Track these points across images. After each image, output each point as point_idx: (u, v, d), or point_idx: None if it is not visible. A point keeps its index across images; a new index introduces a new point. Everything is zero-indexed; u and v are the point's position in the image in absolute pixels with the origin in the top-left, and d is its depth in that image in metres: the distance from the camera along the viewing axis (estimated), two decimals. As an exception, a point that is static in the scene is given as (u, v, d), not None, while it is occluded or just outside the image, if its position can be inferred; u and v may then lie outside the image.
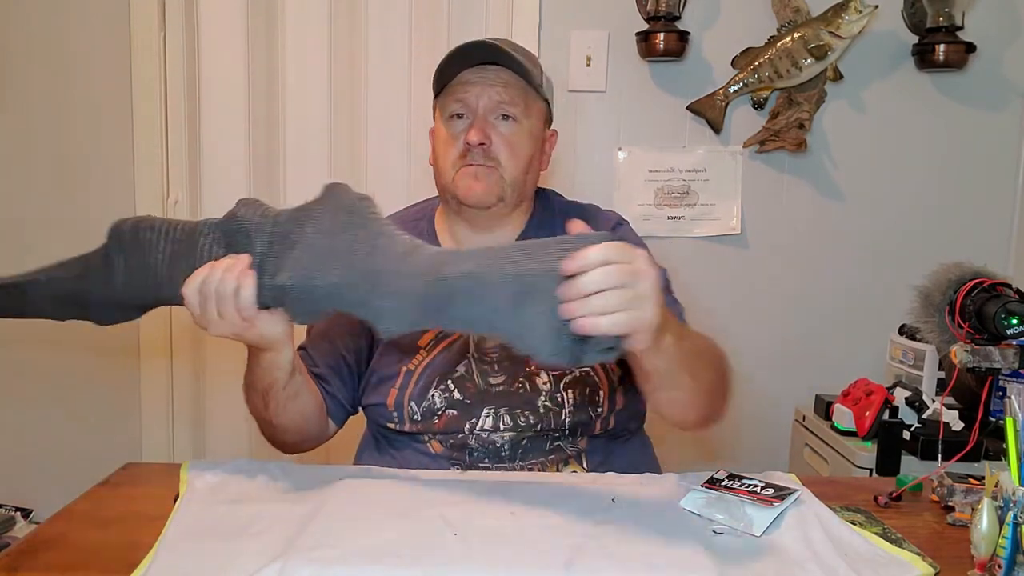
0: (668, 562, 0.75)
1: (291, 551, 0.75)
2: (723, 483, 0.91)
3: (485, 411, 1.11)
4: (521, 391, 1.12)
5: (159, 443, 2.10)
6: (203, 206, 2.04)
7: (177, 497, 0.91)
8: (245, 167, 2.02)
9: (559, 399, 1.11)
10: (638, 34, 1.94)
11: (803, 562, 0.77)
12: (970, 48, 1.90)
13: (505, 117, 1.14)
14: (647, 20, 1.93)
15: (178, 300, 0.94)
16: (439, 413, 1.11)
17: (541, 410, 1.11)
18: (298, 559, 0.73)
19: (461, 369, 1.12)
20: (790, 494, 0.89)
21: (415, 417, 1.12)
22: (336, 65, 2.01)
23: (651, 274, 0.77)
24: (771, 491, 0.90)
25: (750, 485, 0.91)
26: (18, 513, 2.03)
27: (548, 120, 1.23)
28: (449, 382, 1.12)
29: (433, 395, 1.12)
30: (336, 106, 2.02)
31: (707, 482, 0.92)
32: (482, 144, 1.12)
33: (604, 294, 0.74)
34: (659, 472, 1.09)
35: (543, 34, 1.97)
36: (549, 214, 1.22)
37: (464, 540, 0.78)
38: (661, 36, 1.90)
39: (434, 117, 1.21)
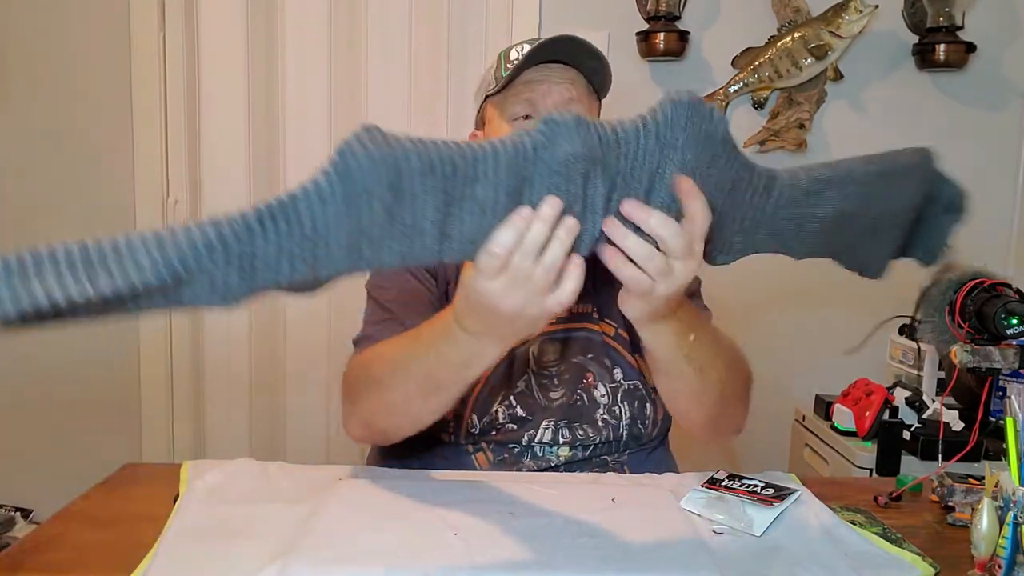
0: (668, 562, 0.75)
1: (291, 551, 0.75)
2: (723, 483, 0.91)
3: (544, 423, 1.08)
4: (579, 404, 1.09)
5: (159, 443, 2.10)
6: (203, 206, 2.04)
7: (177, 497, 0.91)
8: (245, 167, 2.02)
9: (616, 412, 1.09)
10: (638, 34, 1.94)
11: (803, 562, 0.77)
12: (970, 48, 1.90)
13: None
14: (647, 20, 1.93)
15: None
16: (499, 427, 1.08)
17: (599, 423, 1.08)
18: (298, 559, 0.73)
19: (521, 384, 1.09)
20: (790, 494, 0.89)
21: (473, 429, 1.08)
22: (336, 65, 2.01)
23: (686, 268, 0.73)
24: (771, 491, 0.90)
25: (750, 485, 0.91)
26: (18, 513, 2.02)
27: None
28: (512, 398, 1.09)
29: (497, 410, 1.08)
30: (336, 106, 2.02)
31: (707, 482, 0.92)
32: None
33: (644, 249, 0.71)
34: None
35: (543, 34, 1.97)
36: None
37: (464, 540, 0.78)
38: (661, 36, 1.90)
39: (479, 123, 1.15)
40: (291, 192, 0.64)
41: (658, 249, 0.71)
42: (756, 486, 0.91)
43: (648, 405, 1.10)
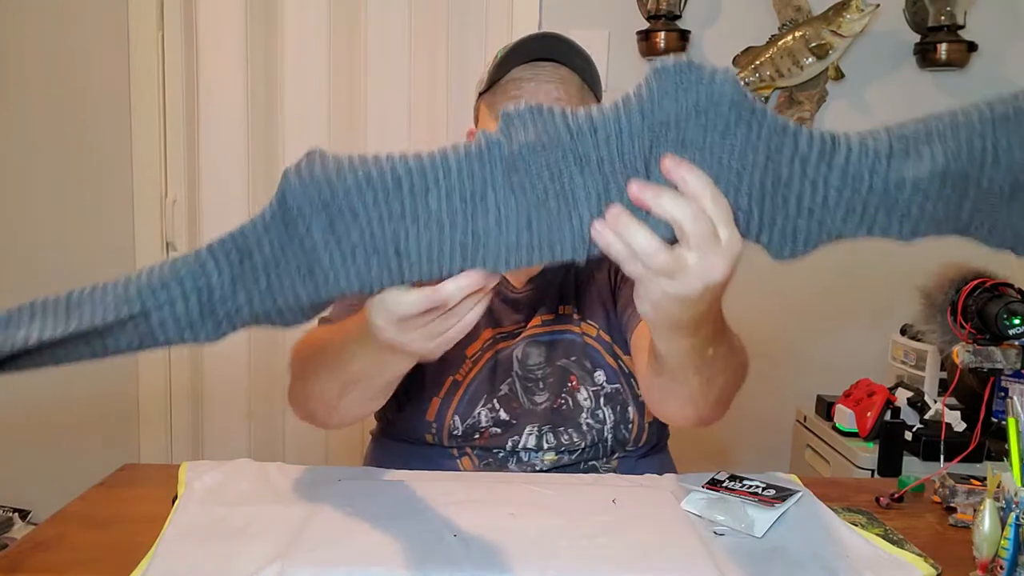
0: (669, 563, 0.74)
1: (290, 552, 0.75)
2: (724, 484, 0.91)
3: (528, 429, 1.07)
4: (564, 408, 1.08)
5: (157, 444, 2.10)
6: (202, 206, 2.04)
7: (176, 498, 0.90)
8: (244, 167, 2.02)
9: (600, 416, 1.08)
10: (639, 33, 1.94)
11: (804, 563, 0.76)
12: (972, 47, 1.90)
13: None
14: (648, 19, 1.93)
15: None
16: (482, 431, 1.07)
17: (584, 427, 1.07)
18: (297, 560, 0.73)
19: (505, 388, 1.08)
20: (791, 495, 0.89)
21: (455, 432, 1.07)
22: (335, 64, 2.01)
23: (694, 269, 0.62)
24: (772, 492, 0.89)
25: (751, 486, 0.91)
26: (16, 514, 2.02)
27: None
28: (495, 401, 1.07)
29: (479, 413, 1.07)
30: (335, 106, 2.02)
31: (708, 483, 0.92)
32: None
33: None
34: None
35: (543, 33, 1.97)
36: None
37: (463, 541, 0.78)
38: (662, 35, 1.90)
39: (476, 119, 1.13)
40: (240, 225, 0.65)
41: (674, 240, 0.62)
42: (757, 487, 0.90)
43: (630, 409, 1.08)
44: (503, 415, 1.07)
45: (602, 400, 1.08)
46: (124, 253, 2.04)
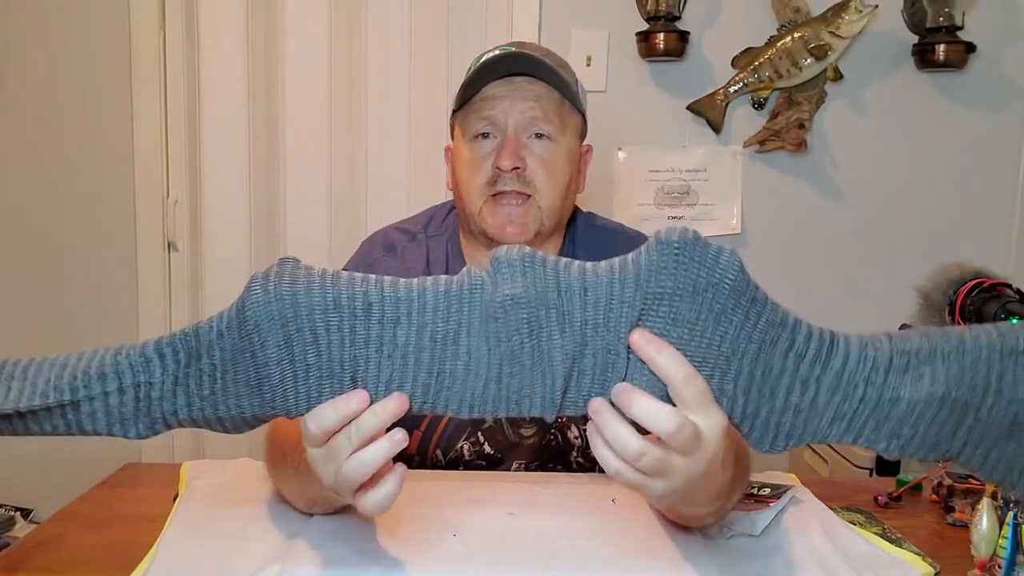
0: (669, 563, 0.75)
1: (290, 552, 0.75)
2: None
3: (515, 465, 1.05)
4: (553, 444, 1.05)
5: (158, 443, 2.09)
6: (203, 206, 2.04)
7: (176, 497, 0.90)
8: (245, 167, 2.02)
9: (591, 455, 1.06)
10: (638, 34, 1.94)
11: (803, 563, 0.77)
12: (970, 48, 1.90)
13: (539, 136, 1.01)
14: (647, 20, 1.93)
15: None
16: (464, 465, 1.05)
17: (574, 466, 1.05)
18: (297, 559, 0.73)
19: (490, 420, 1.03)
20: (786, 491, 0.90)
21: (439, 465, 1.05)
22: (336, 65, 2.01)
23: (690, 465, 0.60)
24: (768, 491, 0.90)
25: (748, 486, 0.91)
26: (18, 513, 2.02)
27: (583, 134, 1.10)
28: (479, 435, 1.05)
29: (462, 446, 1.05)
30: (336, 105, 2.02)
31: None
32: (516, 168, 0.99)
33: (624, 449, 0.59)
34: None
35: (543, 34, 1.97)
36: (584, 239, 1.12)
37: (463, 541, 0.78)
38: (661, 36, 1.90)
39: (452, 135, 1.10)
40: (196, 324, 0.62)
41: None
42: (753, 487, 0.91)
43: None
44: (487, 448, 1.05)
45: None
46: (125, 253, 2.04)
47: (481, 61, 1.03)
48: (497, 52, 1.03)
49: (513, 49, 1.03)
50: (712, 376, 0.61)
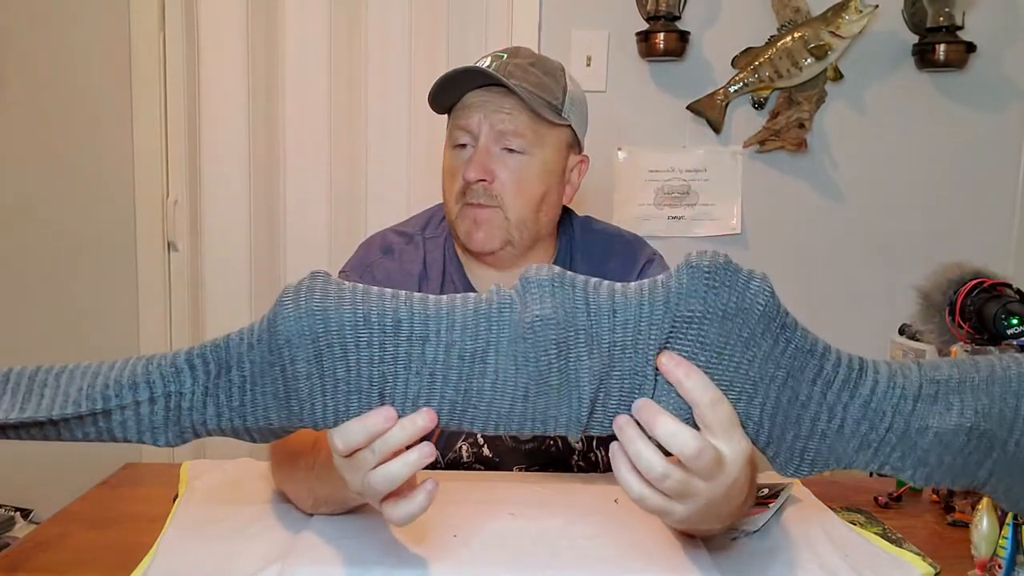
0: (669, 563, 0.75)
1: (291, 552, 0.75)
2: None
3: (514, 470, 1.05)
4: (553, 449, 1.05)
5: (159, 443, 2.09)
6: (203, 206, 2.04)
7: (176, 497, 0.90)
8: (245, 167, 2.02)
9: (592, 459, 1.05)
10: (638, 34, 1.94)
11: (804, 563, 0.77)
12: (970, 48, 1.90)
13: (510, 150, 1.02)
14: (647, 20, 1.93)
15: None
16: (464, 468, 1.05)
17: (575, 469, 1.05)
18: (298, 559, 0.73)
19: None
20: (783, 489, 0.90)
21: (439, 467, 1.05)
22: (336, 64, 2.01)
23: (712, 488, 0.61)
24: (766, 491, 0.90)
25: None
26: (18, 513, 2.02)
27: (574, 145, 1.10)
28: (478, 436, 1.04)
29: (461, 447, 1.05)
30: (336, 105, 2.02)
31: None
32: (482, 180, 1.01)
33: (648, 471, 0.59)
34: None
35: (543, 34, 1.97)
36: (582, 243, 1.12)
37: (464, 541, 0.78)
38: (661, 36, 1.90)
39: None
40: (227, 335, 0.63)
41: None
42: (755, 486, 0.91)
43: None
44: (486, 452, 1.05)
45: (595, 442, 1.05)
46: (125, 253, 2.04)
47: (452, 71, 1.03)
48: (489, 60, 1.03)
49: (489, 62, 1.02)
50: (739, 400, 0.61)
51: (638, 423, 0.60)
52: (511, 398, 0.61)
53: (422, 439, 0.63)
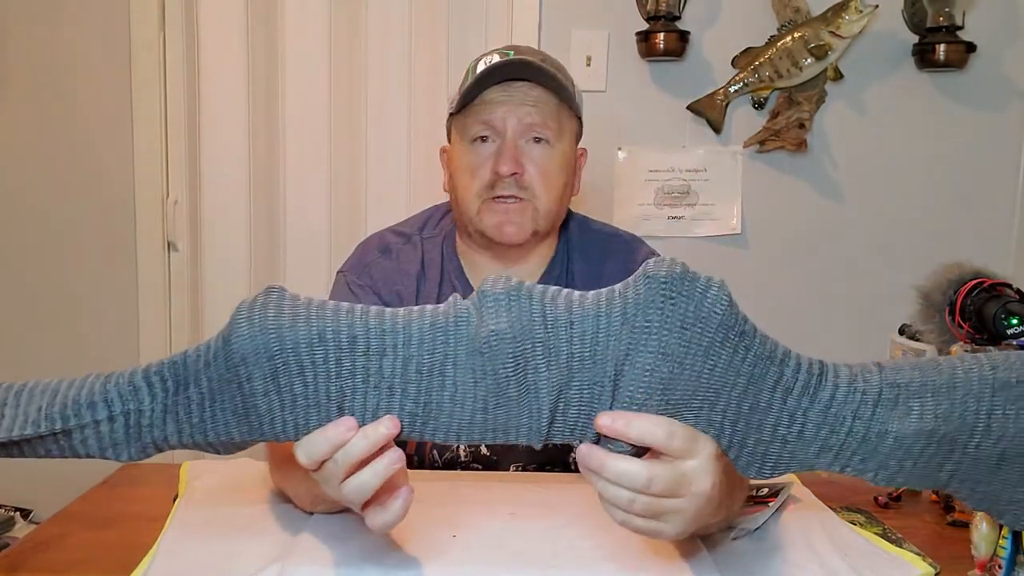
0: (669, 563, 0.75)
1: (290, 552, 0.75)
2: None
3: (513, 468, 1.06)
4: (550, 447, 1.05)
5: (159, 443, 2.10)
6: (203, 206, 2.04)
7: (176, 497, 0.90)
8: (245, 167, 2.02)
9: None
10: (638, 34, 1.94)
11: (803, 563, 0.77)
12: (970, 48, 1.90)
13: (537, 140, 1.03)
14: (647, 20, 1.93)
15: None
16: (461, 467, 1.06)
17: (573, 466, 1.05)
18: (297, 560, 0.73)
19: None
20: (783, 489, 0.90)
21: (436, 466, 1.06)
22: (335, 64, 2.01)
23: (689, 502, 0.62)
24: (766, 491, 0.90)
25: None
26: (17, 513, 2.02)
27: (579, 137, 1.12)
28: None
29: (458, 447, 1.05)
30: (335, 106, 2.02)
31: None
32: (515, 174, 1.01)
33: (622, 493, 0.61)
34: None
35: (543, 34, 1.97)
36: (580, 243, 1.13)
37: (464, 541, 0.78)
38: (661, 36, 1.90)
39: (449, 138, 1.11)
40: (184, 352, 0.63)
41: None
42: (752, 489, 0.91)
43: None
44: (483, 450, 1.06)
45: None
46: (125, 254, 2.04)
47: (480, 66, 1.04)
48: (497, 58, 1.03)
49: (512, 55, 1.04)
50: (701, 408, 0.61)
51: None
52: (471, 410, 0.61)
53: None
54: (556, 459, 1.07)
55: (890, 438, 0.61)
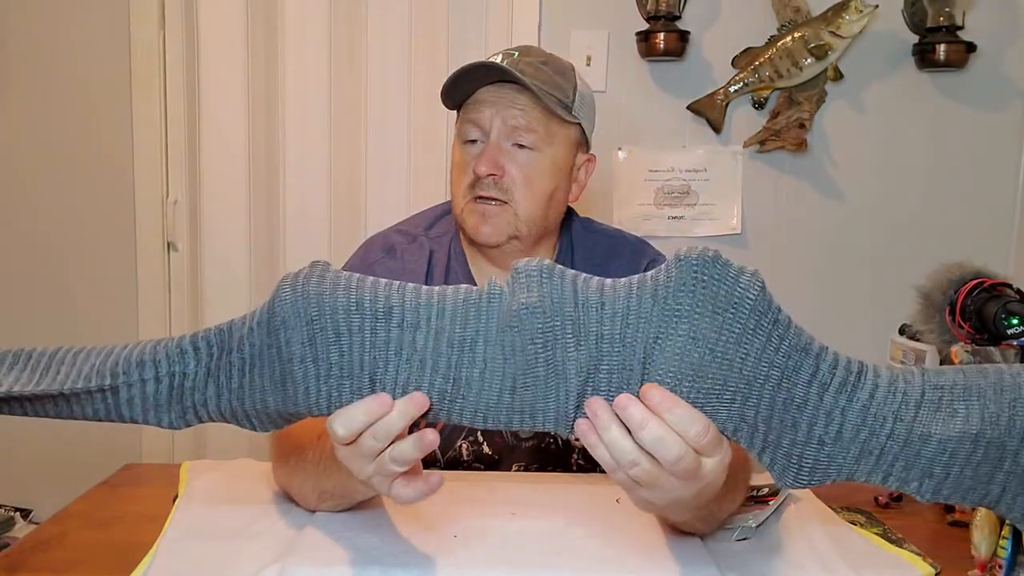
0: (670, 563, 0.75)
1: (290, 552, 0.75)
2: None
3: (514, 468, 1.06)
4: (553, 447, 1.06)
5: (159, 443, 2.10)
6: (203, 206, 2.04)
7: (176, 497, 0.90)
8: (245, 167, 2.02)
9: (592, 457, 1.05)
10: (638, 34, 1.94)
11: (804, 563, 0.77)
12: (970, 48, 1.90)
13: (521, 146, 1.03)
14: (647, 20, 1.93)
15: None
16: (464, 466, 1.06)
17: (574, 468, 1.06)
18: (297, 559, 0.73)
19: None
20: (782, 488, 0.90)
21: (438, 465, 1.06)
22: (335, 64, 2.01)
23: (675, 489, 0.61)
24: (766, 490, 0.90)
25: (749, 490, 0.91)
26: (18, 513, 2.02)
27: (583, 144, 1.10)
28: (478, 434, 1.05)
29: (461, 446, 1.05)
30: (335, 106, 2.02)
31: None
32: (492, 175, 1.01)
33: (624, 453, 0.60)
34: None
35: (543, 34, 1.97)
36: (583, 245, 1.13)
37: (464, 541, 0.78)
38: (661, 36, 1.90)
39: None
40: (231, 320, 0.66)
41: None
42: (753, 489, 0.91)
43: None
44: (486, 449, 1.06)
45: None
46: (125, 254, 2.04)
47: (469, 66, 1.03)
48: (500, 57, 1.03)
49: (517, 56, 1.03)
50: (733, 401, 0.59)
51: (615, 413, 0.59)
52: (499, 388, 0.61)
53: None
54: (558, 460, 1.06)
55: (933, 441, 0.58)
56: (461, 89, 1.05)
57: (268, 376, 0.64)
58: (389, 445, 0.63)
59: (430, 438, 0.62)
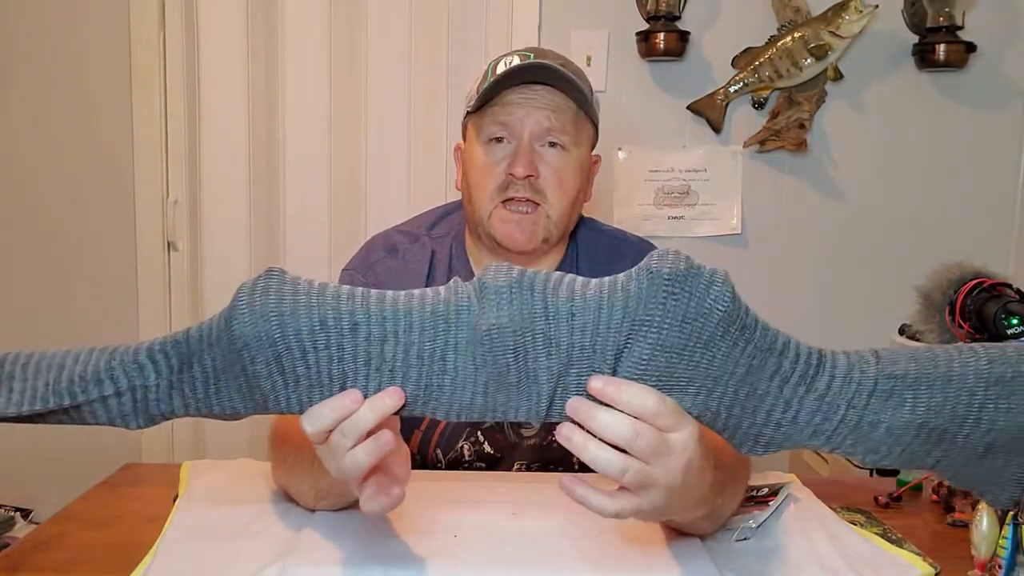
0: (669, 563, 0.75)
1: (290, 552, 0.75)
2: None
3: (516, 466, 1.06)
4: (555, 446, 1.03)
5: (159, 443, 2.10)
6: (203, 206, 2.04)
7: (176, 497, 0.90)
8: (245, 167, 2.02)
9: None
10: (638, 34, 1.94)
11: (803, 563, 0.77)
12: (970, 48, 1.90)
13: (553, 145, 1.02)
14: (647, 20, 1.93)
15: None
16: (465, 466, 1.05)
17: (577, 467, 1.03)
18: (297, 559, 0.73)
19: (490, 420, 1.02)
20: (781, 487, 0.90)
21: (439, 465, 1.05)
22: (335, 64, 2.01)
23: (666, 475, 0.61)
24: (766, 490, 0.90)
25: (748, 491, 0.91)
26: (18, 513, 2.02)
27: (594, 143, 1.11)
28: (479, 434, 1.05)
29: (462, 446, 1.05)
30: (335, 106, 2.02)
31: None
32: (529, 176, 1.00)
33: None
34: None
35: (543, 34, 1.97)
36: (588, 246, 1.12)
37: (464, 541, 0.78)
38: (661, 36, 1.90)
39: (464, 135, 1.10)
40: (185, 330, 0.64)
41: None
42: (752, 489, 0.91)
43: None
44: (487, 448, 1.05)
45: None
46: (125, 254, 2.04)
47: (500, 66, 1.02)
48: (517, 59, 1.02)
49: (532, 57, 1.02)
50: (698, 394, 0.62)
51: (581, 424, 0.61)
52: (471, 393, 0.62)
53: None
54: (560, 459, 1.06)
55: (882, 428, 0.63)
56: (492, 90, 1.02)
57: (235, 388, 0.63)
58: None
59: (382, 442, 0.61)
